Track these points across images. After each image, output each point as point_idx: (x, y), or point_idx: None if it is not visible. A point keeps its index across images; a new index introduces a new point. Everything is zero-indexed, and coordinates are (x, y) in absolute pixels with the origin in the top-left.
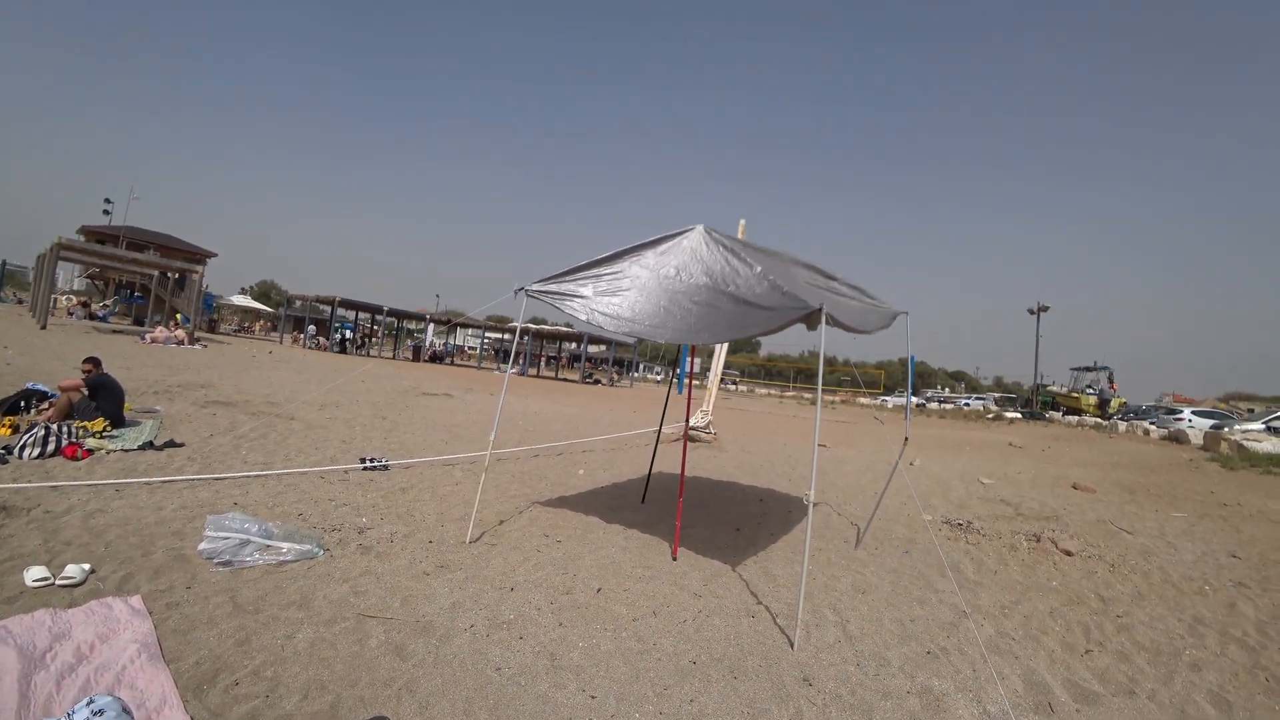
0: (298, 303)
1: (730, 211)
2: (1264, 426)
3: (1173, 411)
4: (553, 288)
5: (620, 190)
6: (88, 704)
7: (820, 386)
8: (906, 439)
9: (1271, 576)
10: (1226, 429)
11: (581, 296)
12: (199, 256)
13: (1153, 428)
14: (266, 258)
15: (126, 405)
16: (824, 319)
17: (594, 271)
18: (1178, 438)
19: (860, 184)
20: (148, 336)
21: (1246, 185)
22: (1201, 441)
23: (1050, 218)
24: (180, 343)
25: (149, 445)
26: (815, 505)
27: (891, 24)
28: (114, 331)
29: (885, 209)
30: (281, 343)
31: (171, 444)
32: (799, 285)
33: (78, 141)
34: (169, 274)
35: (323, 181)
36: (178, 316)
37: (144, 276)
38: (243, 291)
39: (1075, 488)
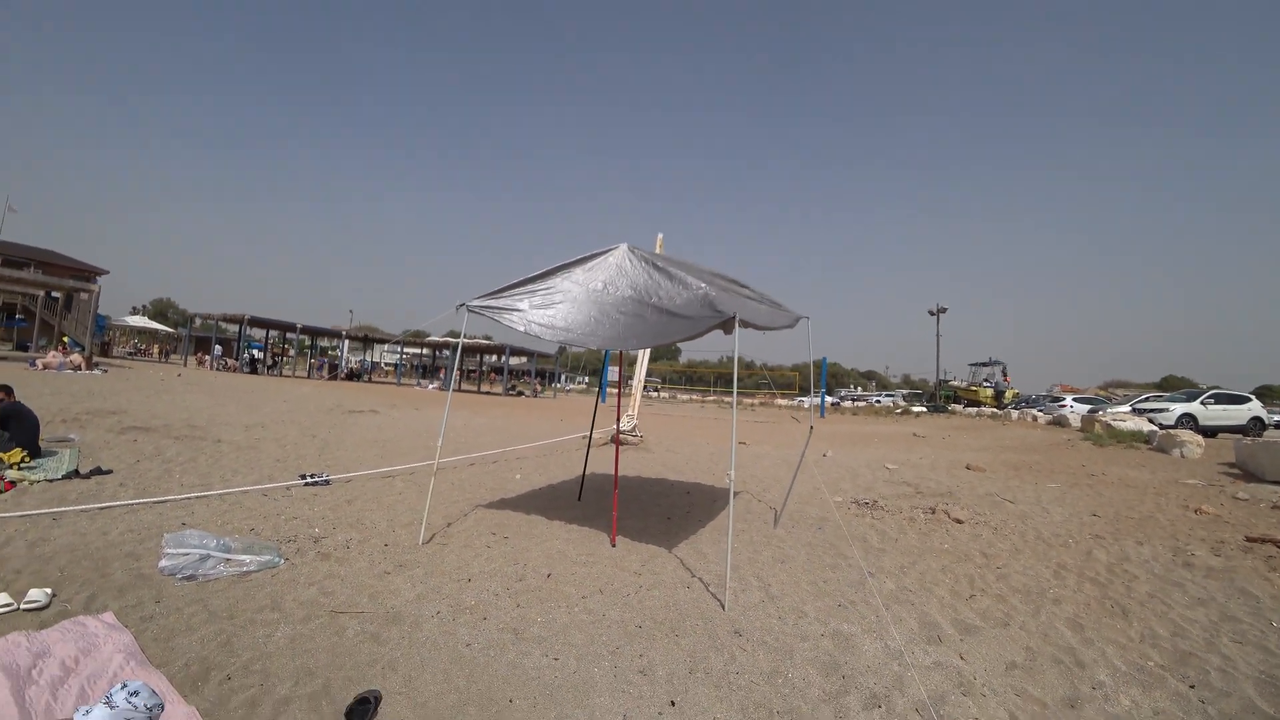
0: (199, 321)
1: (648, 225)
2: (1130, 409)
3: (1057, 399)
4: (492, 303)
5: (537, 205)
6: (122, 688)
7: (735, 387)
8: (811, 427)
9: (1122, 529)
10: (1100, 412)
11: (519, 310)
12: (88, 274)
13: (1040, 414)
14: (160, 275)
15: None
16: (737, 324)
17: (529, 287)
18: (1060, 421)
19: (770, 193)
20: (39, 362)
21: (1128, 186)
22: (1079, 424)
23: (948, 218)
24: (77, 368)
25: (74, 474)
26: (737, 494)
27: (791, 34)
28: None
29: (797, 217)
30: (186, 365)
31: (99, 471)
32: (715, 295)
33: None
34: (55, 294)
35: (218, 195)
36: (64, 340)
37: (26, 297)
38: (135, 311)
39: (968, 468)
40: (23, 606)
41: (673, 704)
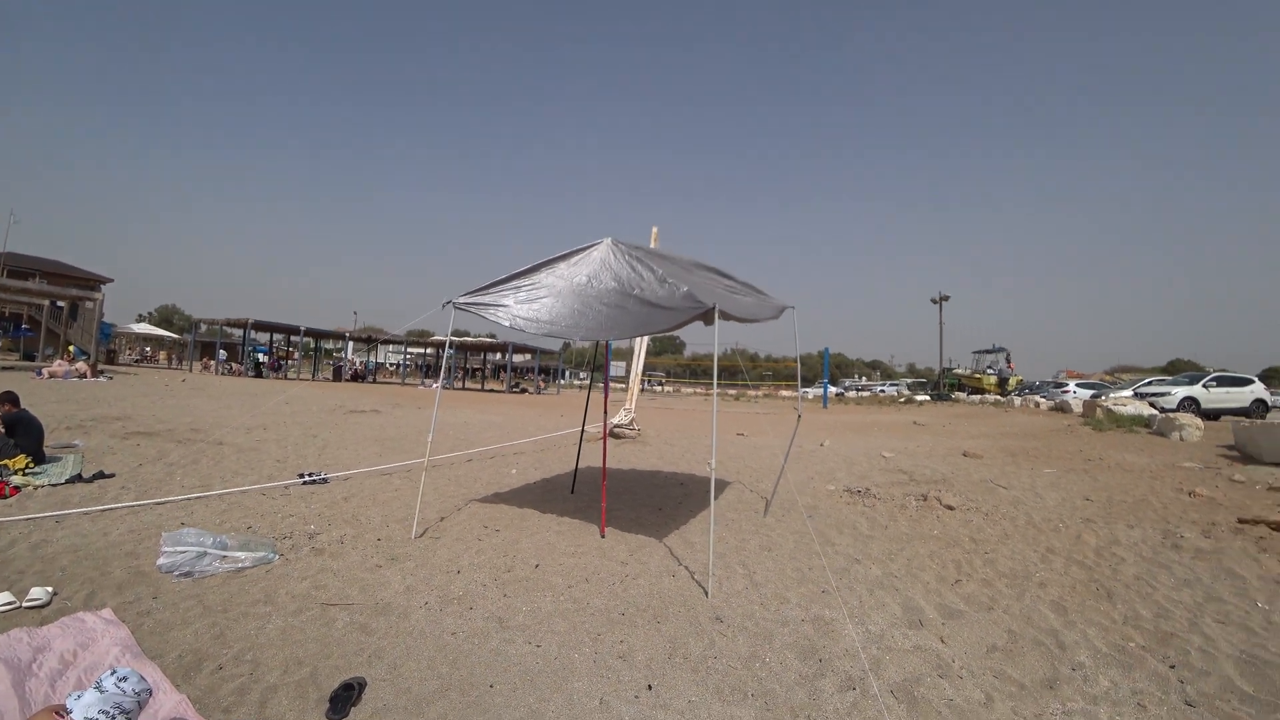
0: (204, 327)
1: (644, 218)
2: (1132, 393)
3: (1061, 385)
4: (478, 299)
5: (534, 201)
6: (111, 673)
7: (715, 377)
8: (799, 416)
9: (1114, 512)
10: (1102, 397)
11: (504, 306)
12: (92, 283)
13: (1043, 400)
14: (164, 282)
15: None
16: (717, 315)
17: (514, 283)
18: (1062, 407)
19: (771, 183)
20: (45, 371)
21: (1135, 168)
22: (1080, 409)
23: (952, 208)
24: (82, 376)
25: (77, 479)
26: (730, 485)
27: (786, 23)
28: (3, 368)
29: (799, 207)
30: (191, 370)
31: (101, 475)
32: (697, 287)
33: None
34: (59, 303)
35: (220, 200)
36: (70, 349)
37: (31, 307)
38: (141, 318)
39: (965, 455)
40: (25, 604)
41: (650, 687)
